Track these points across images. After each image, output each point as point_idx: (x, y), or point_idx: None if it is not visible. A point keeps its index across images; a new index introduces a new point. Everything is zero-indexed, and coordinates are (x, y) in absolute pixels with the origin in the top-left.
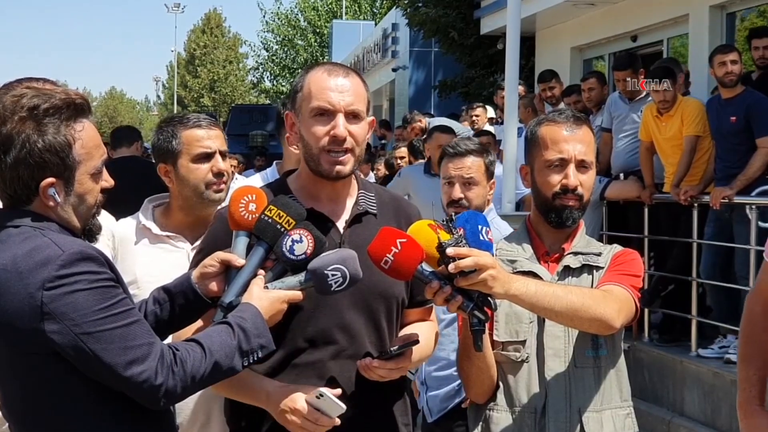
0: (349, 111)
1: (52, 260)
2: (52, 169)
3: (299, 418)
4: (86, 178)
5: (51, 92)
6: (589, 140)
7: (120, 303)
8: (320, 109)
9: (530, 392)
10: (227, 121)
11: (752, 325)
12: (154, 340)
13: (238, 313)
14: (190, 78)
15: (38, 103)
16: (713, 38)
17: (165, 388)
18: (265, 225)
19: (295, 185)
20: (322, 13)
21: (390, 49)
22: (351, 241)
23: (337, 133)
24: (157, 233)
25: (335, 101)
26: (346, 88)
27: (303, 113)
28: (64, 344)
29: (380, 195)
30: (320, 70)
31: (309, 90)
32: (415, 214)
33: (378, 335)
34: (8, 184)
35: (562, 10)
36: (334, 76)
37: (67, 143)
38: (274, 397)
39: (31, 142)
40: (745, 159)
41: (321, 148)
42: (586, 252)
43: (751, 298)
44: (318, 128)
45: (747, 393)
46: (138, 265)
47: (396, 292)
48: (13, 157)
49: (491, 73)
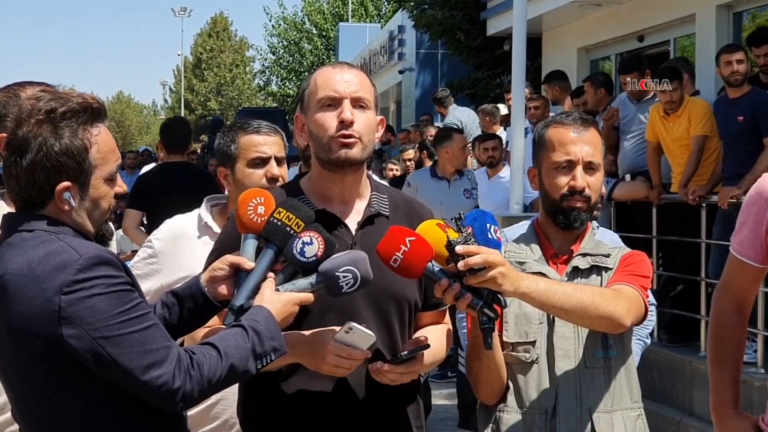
0: (355, 98)
1: (70, 264)
2: (68, 172)
3: (332, 357)
4: (101, 183)
5: (68, 96)
6: (596, 142)
7: (137, 307)
8: (327, 99)
9: (540, 393)
10: None
11: (722, 326)
12: (171, 344)
13: (251, 316)
14: (197, 82)
15: (55, 107)
16: (720, 38)
17: (183, 391)
18: (274, 227)
19: (306, 186)
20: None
21: (396, 51)
22: (363, 242)
23: (345, 117)
24: (218, 232)
25: (340, 89)
26: (351, 78)
27: (311, 108)
28: (82, 349)
29: (393, 197)
30: (326, 67)
31: (316, 84)
32: (428, 215)
33: (390, 337)
34: (23, 187)
35: (568, 11)
36: (339, 69)
37: (84, 147)
38: (301, 347)
39: (48, 145)
40: (752, 158)
41: (330, 136)
42: (594, 253)
43: (719, 298)
44: (326, 117)
45: (721, 396)
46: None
47: (408, 294)
48: (30, 159)
49: (498, 75)
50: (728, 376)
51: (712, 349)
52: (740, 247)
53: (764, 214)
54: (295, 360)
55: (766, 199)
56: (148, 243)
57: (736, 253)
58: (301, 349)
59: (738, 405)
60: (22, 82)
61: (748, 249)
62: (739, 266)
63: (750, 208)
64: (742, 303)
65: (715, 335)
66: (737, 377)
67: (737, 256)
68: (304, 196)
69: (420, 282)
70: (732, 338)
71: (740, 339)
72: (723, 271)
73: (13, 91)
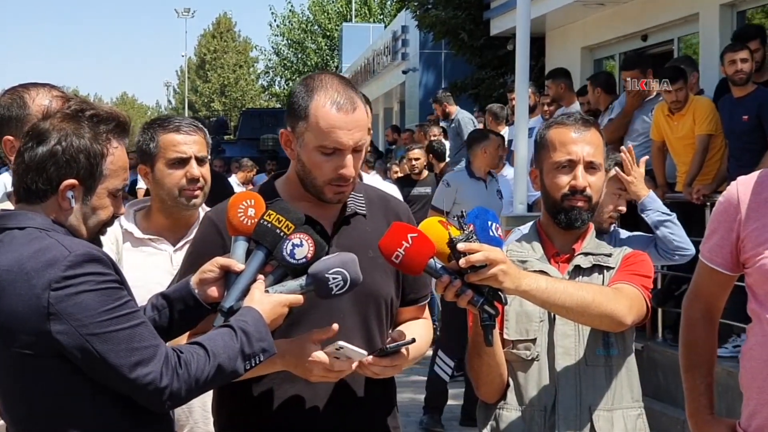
0: (358, 147)
1: (59, 261)
2: (78, 171)
3: (319, 370)
4: (105, 194)
5: (98, 105)
6: (597, 142)
7: (126, 305)
8: (328, 148)
9: (540, 390)
10: (238, 126)
11: (693, 332)
12: (159, 343)
13: (240, 317)
14: (200, 83)
15: (85, 108)
16: (724, 37)
17: (170, 390)
18: (264, 230)
19: (283, 188)
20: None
21: (400, 51)
22: (339, 242)
23: (346, 174)
24: (139, 236)
25: (344, 141)
26: (354, 124)
27: (306, 143)
28: (70, 345)
29: (368, 194)
30: (326, 101)
31: (316, 123)
32: (403, 212)
33: (368, 335)
34: (31, 176)
35: (571, 11)
36: (343, 113)
37: (101, 153)
38: (288, 358)
39: (69, 140)
40: (757, 158)
41: (326, 181)
42: (596, 253)
43: (689, 304)
44: (325, 164)
45: (696, 403)
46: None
47: (385, 292)
48: (46, 149)
49: (501, 74)
50: (702, 383)
51: (683, 356)
52: (710, 254)
53: (734, 222)
54: (284, 368)
55: (736, 206)
56: None
57: (706, 261)
58: (288, 360)
59: (713, 410)
60: (26, 84)
61: (717, 256)
62: (708, 273)
63: (720, 216)
64: (712, 309)
65: (686, 342)
66: (711, 383)
67: (707, 264)
68: (279, 198)
69: (397, 278)
70: (703, 345)
71: (711, 345)
72: (692, 278)
73: (18, 93)
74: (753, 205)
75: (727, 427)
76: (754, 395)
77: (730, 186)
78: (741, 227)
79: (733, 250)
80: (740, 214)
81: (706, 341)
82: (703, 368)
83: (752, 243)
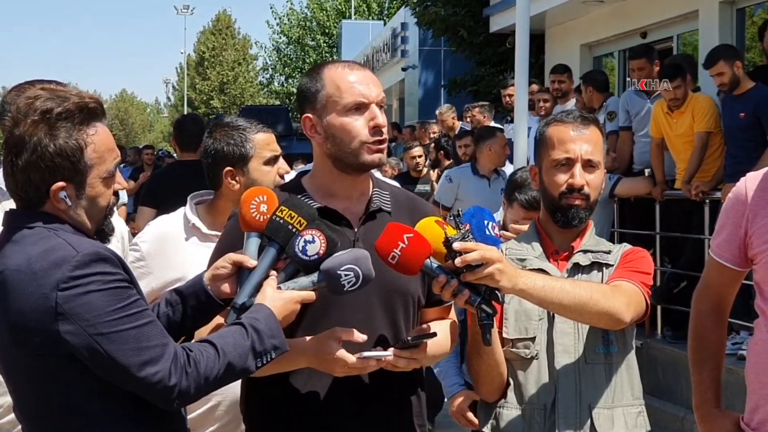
0: (379, 102)
1: (67, 261)
2: (63, 173)
3: (342, 369)
4: (98, 182)
5: (65, 95)
6: (596, 140)
7: (134, 304)
8: (356, 104)
9: (540, 389)
10: None
11: (701, 327)
12: (168, 341)
13: (251, 314)
14: (200, 80)
15: (51, 107)
16: (723, 34)
17: (179, 388)
18: (276, 226)
19: (309, 184)
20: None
21: (399, 48)
22: (365, 238)
23: (379, 123)
24: (206, 232)
25: (366, 92)
26: (371, 80)
27: (330, 111)
28: (79, 345)
29: (395, 194)
30: (337, 68)
31: (336, 86)
32: (430, 212)
33: (395, 333)
34: (20, 186)
35: (571, 7)
36: (358, 70)
37: (79, 148)
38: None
39: (43, 146)
40: (755, 155)
41: (362, 141)
42: (595, 250)
43: (698, 299)
44: (355, 123)
45: (702, 396)
46: (188, 264)
47: (412, 289)
48: (25, 160)
49: (501, 71)
50: (708, 376)
51: (692, 349)
52: (719, 249)
53: (742, 218)
54: (306, 365)
55: (744, 202)
56: (134, 246)
57: (715, 256)
58: (310, 357)
59: (720, 404)
60: (32, 81)
61: (726, 252)
62: (717, 268)
63: (729, 212)
64: (721, 304)
65: (695, 336)
66: (718, 377)
67: (716, 259)
68: (307, 194)
69: (423, 278)
70: (712, 339)
71: (720, 339)
72: (702, 273)
73: (23, 91)
74: (760, 201)
75: (731, 421)
76: (758, 390)
77: (739, 182)
78: (748, 223)
79: (741, 246)
80: (748, 211)
81: (715, 335)
82: (710, 362)
83: (759, 239)
